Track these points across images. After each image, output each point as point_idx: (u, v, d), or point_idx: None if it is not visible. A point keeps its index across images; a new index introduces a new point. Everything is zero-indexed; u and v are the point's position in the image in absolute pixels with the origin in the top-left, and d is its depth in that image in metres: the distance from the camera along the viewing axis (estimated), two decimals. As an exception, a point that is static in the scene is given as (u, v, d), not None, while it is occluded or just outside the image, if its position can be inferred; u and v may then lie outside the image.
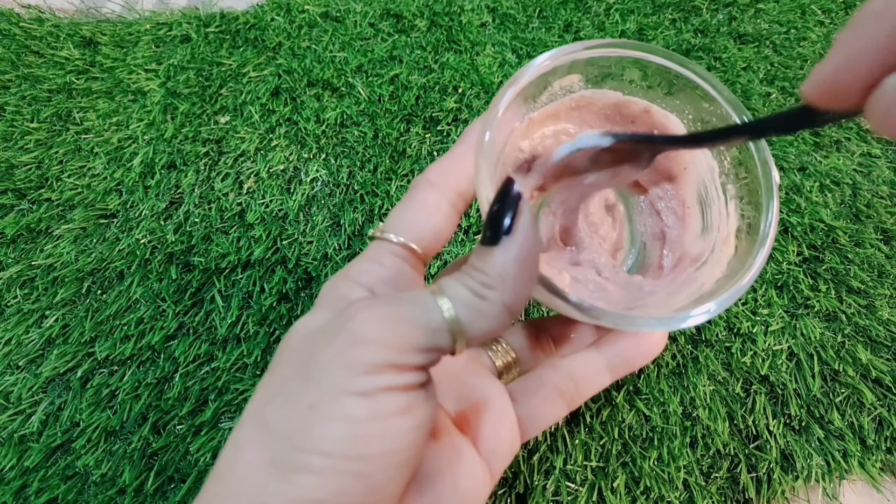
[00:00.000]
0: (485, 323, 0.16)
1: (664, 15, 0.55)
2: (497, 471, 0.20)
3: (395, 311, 0.15)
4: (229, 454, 0.15)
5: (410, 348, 0.15)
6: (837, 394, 0.35)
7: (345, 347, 0.15)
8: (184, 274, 0.38)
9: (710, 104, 0.22)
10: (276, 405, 0.15)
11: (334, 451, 0.14)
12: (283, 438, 0.14)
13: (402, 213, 0.20)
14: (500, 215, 0.16)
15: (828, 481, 0.33)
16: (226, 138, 0.44)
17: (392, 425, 0.15)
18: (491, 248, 0.16)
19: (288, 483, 0.14)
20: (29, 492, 0.31)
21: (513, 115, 0.22)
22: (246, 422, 0.15)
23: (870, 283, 0.39)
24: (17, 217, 0.40)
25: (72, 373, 0.35)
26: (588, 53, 0.22)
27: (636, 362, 0.23)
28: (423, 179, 0.20)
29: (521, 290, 0.16)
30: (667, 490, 0.31)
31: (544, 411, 0.22)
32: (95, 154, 0.43)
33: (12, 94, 0.46)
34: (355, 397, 0.14)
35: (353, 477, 0.14)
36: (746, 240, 0.21)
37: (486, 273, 0.16)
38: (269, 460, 0.14)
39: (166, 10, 0.54)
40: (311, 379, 0.15)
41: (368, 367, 0.14)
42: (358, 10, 0.53)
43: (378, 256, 0.19)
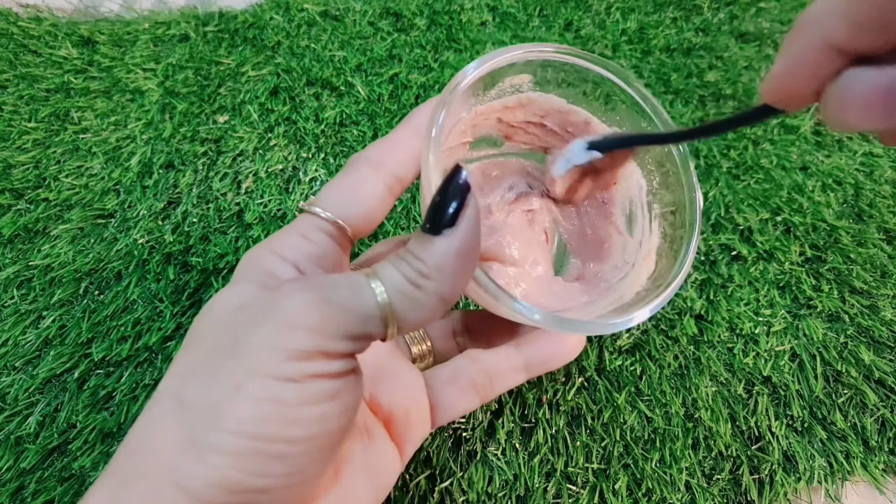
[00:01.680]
0: (418, 313, 0.15)
1: (665, 13, 0.55)
2: (406, 454, 0.21)
3: (327, 296, 0.15)
4: (143, 429, 0.14)
5: (342, 335, 0.15)
6: (840, 395, 0.35)
7: (275, 331, 0.14)
8: (182, 274, 0.38)
9: (647, 122, 0.23)
10: (196, 382, 0.15)
11: (257, 433, 0.14)
12: (203, 417, 0.14)
13: (337, 189, 0.19)
14: (444, 204, 0.15)
15: (830, 483, 0.32)
16: (224, 138, 0.44)
17: (319, 410, 0.14)
18: (432, 237, 0.15)
19: (204, 463, 0.13)
20: (25, 493, 0.31)
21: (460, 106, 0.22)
22: (162, 396, 0.15)
23: (872, 284, 0.38)
24: (15, 217, 0.40)
25: (69, 374, 0.35)
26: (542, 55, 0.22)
27: (551, 364, 0.23)
28: (362, 157, 0.19)
29: (458, 283, 0.16)
30: (669, 492, 0.31)
31: (457, 402, 0.22)
32: (93, 154, 0.43)
33: (10, 94, 0.46)
34: (282, 382, 0.14)
35: (274, 459, 0.14)
36: (667, 257, 0.22)
37: (425, 262, 0.15)
38: (186, 438, 0.14)
39: (165, 9, 0.54)
40: (237, 359, 0.14)
41: (298, 353, 0.14)
42: (357, 8, 0.53)
43: (306, 230, 0.18)
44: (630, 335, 0.36)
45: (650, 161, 0.24)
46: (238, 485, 0.13)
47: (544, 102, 0.24)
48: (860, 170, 0.44)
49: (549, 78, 0.23)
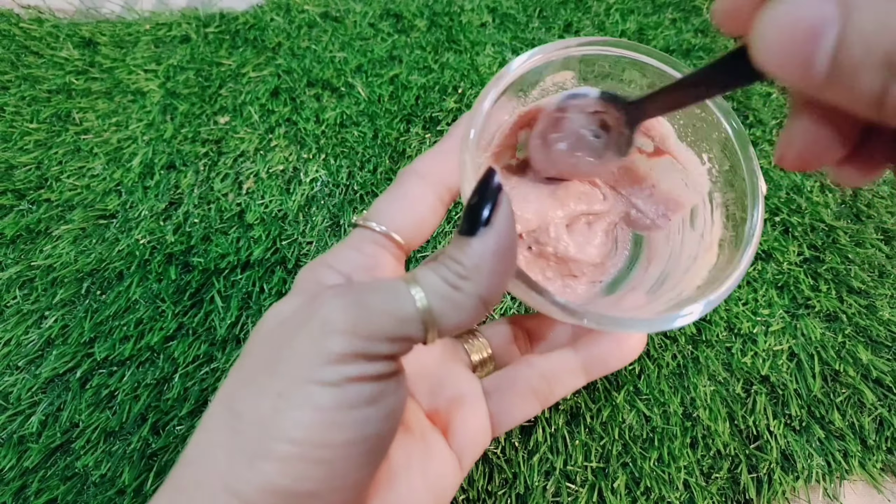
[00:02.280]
0: (458, 314, 0.15)
1: (664, 15, 0.55)
2: (467, 464, 0.20)
3: (365, 300, 0.15)
4: (199, 439, 0.15)
5: (380, 337, 0.15)
6: (838, 394, 0.35)
7: (313, 335, 0.15)
8: (183, 274, 0.38)
9: (701, 110, 0.22)
10: (245, 392, 0.15)
11: (299, 438, 0.14)
12: (251, 425, 0.14)
13: (387, 202, 0.19)
14: (479, 206, 0.16)
15: (828, 482, 0.33)
16: (225, 139, 0.44)
17: (359, 415, 0.14)
18: (468, 238, 0.16)
19: (253, 470, 0.14)
20: (28, 492, 0.31)
21: (501, 109, 0.22)
22: (216, 407, 0.15)
23: (870, 284, 0.39)
24: (17, 218, 0.40)
25: (71, 373, 0.35)
26: (582, 50, 0.21)
27: (612, 365, 0.22)
28: (410, 170, 0.20)
29: (496, 283, 0.16)
30: (667, 490, 0.31)
31: (517, 408, 0.22)
32: (95, 154, 0.43)
33: (12, 95, 0.46)
34: (322, 386, 0.14)
35: (316, 464, 0.14)
36: (729, 248, 0.21)
37: (462, 264, 0.15)
38: (237, 447, 0.14)
39: (166, 10, 0.54)
40: (279, 367, 0.15)
41: (336, 356, 0.14)
42: (357, 9, 0.53)
43: (358, 244, 0.18)
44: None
45: (710, 147, 0.22)
46: (286, 490, 0.14)
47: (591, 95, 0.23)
48: (858, 170, 0.44)
49: (593, 72, 0.22)
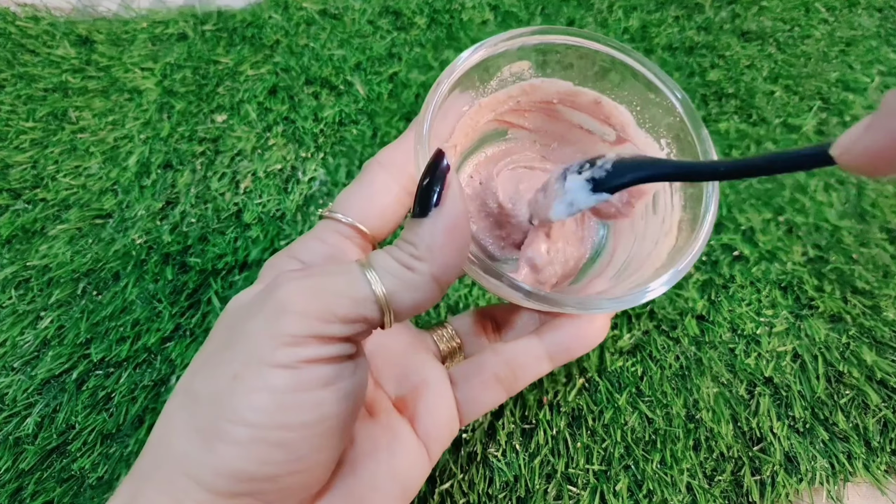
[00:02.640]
0: (413, 294, 0.16)
1: (667, 12, 0.54)
2: (434, 453, 0.21)
3: (319, 282, 0.15)
4: (160, 424, 0.15)
5: (334, 318, 0.15)
6: (842, 395, 0.34)
7: (268, 318, 0.15)
8: (180, 275, 0.38)
9: (655, 94, 0.22)
10: (202, 375, 0.15)
11: (256, 421, 0.14)
12: (208, 408, 0.14)
13: (352, 193, 0.20)
14: (428, 187, 0.16)
15: (832, 484, 0.32)
16: (222, 137, 0.44)
17: (315, 397, 0.14)
18: (420, 219, 0.16)
19: (212, 453, 0.14)
20: (24, 494, 0.31)
21: (458, 101, 0.22)
22: (177, 392, 0.16)
23: (875, 284, 0.38)
24: (12, 217, 0.40)
25: (67, 375, 0.34)
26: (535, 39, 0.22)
27: (576, 350, 0.22)
28: (374, 162, 0.20)
29: (449, 261, 0.16)
30: (670, 493, 0.31)
31: (483, 396, 0.22)
32: (91, 153, 0.43)
33: (7, 93, 0.46)
34: (277, 368, 0.14)
35: (274, 446, 0.14)
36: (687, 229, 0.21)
37: (414, 244, 0.16)
38: (195, 429, 0.14)
39: (163, 8, 0.53)
40: (235, 349, 0.15)
41: (291, 338, 0.14)
42: (356, 7, 0.53)
43: (323, 234, 0.19)
44: (631, 335, 0.36)
45: (664, 132, 0.23)
46: (242, 473, 0.14)
47: (549, 87, 0.23)
48: (862, 169, 0.44)
49: (548, 61, 0.23)
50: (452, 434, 0.21)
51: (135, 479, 0.15)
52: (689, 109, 0.22)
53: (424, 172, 0.16)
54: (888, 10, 0.56)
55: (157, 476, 0.14)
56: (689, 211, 0.21)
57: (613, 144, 0.24)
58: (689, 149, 0.22)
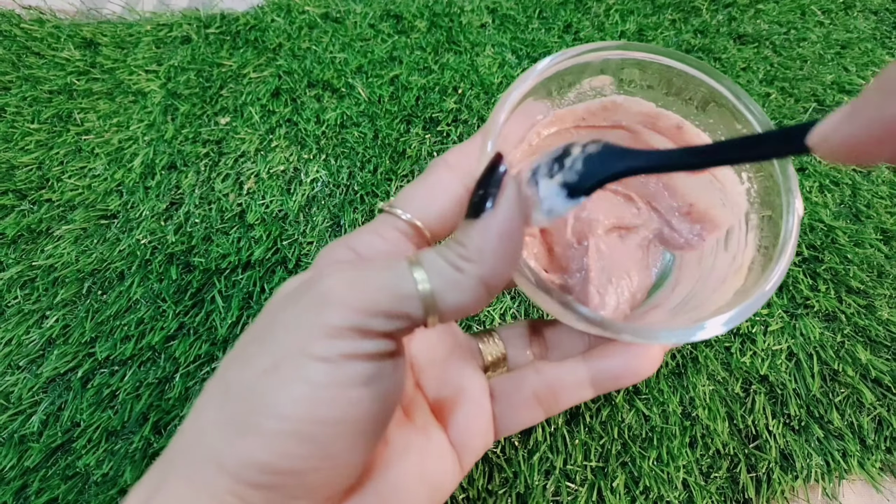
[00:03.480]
0: (458, 296, 0.15)
1: (664, 15, 0.55)
2: (467, 463, 0.20)
3: (364, 275, 0.15)
4: (193, 412, 0.15)
5: (377, 312, 0.14)
6: (837, 394, 0.35)
7: (310, 307, 0.14)
8: (184, 274, 0.38)
9: (742, 125, 0.21)
10: (237, 364, 0.15)
11: (288, 414, 0.14)
12: (242, 396, 0.14)
13: (415, 190, 0.19)
14: (484, 190, 0.16)
15: (827, 481, 0.33)
16: (226, 139, 0.45)
17: (351, 394, 0.14)
18: (472, 221, 0.16)
19: (239, 443, 0.14)
20: (29, 492, 0.31)
21: (533, 108, 0.21)
22: (212, 381, 0.15)
23: (869, 284, 0.39)
24: (18, 218, 0.40)
25: (72, 373, 0.35)
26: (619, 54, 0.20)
27: (624, 380, 0.21)
28: (440, 161, 0.20)
29: (499, 266, 0.16)
30: (666, 490, 0.31)
31: (520, 414, 0.21)
32: (96, 155, 0.43)
33: (13, 95, 0.46)
34: (316, 361, 0.14)
35: (303, 441, 0.14)
36: (757, 270, 0.20)
37: (465, 245, 0.15)
38: (225, 419, 0.14)
39: (167, 11, 0.54)
40: (274, 338, 0.15)
41: (331, 329, 0.14)
42: (358, 11, 0.53)
43: (381, 229, 0.18)
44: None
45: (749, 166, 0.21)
46: (268, 466, 0.14)
47: (631, 106, 0.22)
48: (857, 170, 0.44)
49: (632, 79, 0.21)
50: (486, 446, 0.21)
51: (162, 466, 0.15)
52: None
53: (482, 175, 0.16)
54: (883, 12, 0.56)
55: (184, 463, 0.14)
56: (764, 251, 0.20)
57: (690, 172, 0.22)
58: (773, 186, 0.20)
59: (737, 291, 0.19)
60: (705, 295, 0.21)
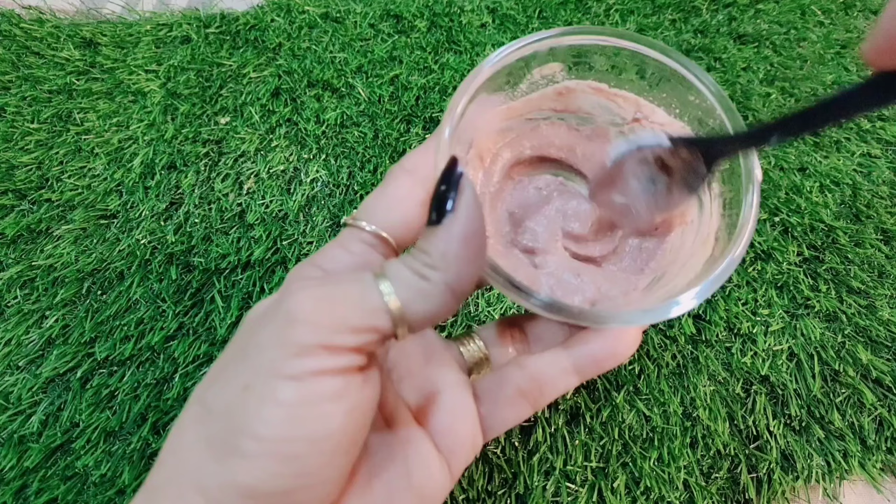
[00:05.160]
0: (426, 304, 0.15)
1: (664, 15, 0.55)
2: (456, 469, 0.20)
3: (330, 291, 0.15)
4: (173, 435, 0.15)
5: (344, 329, 0.14)
6: (838, 394, 0.35)
7: (279, 327, 0.14)
8: (184, 274, 0.38)
9: (695, 96, 0.21)
10: (215, 387, 0.15)
11: (265, 435, 0.14)
12: (220, 420, 0.14)
13: (376, 200, 0.19)
14: (443, 195, 0.16)
15: (828, 482, 0.33)
16: (226, 139, 0.45)
17: (322, 410, 0.14)
18: (434, 227, 0.16)
19: (223, 466, 0.14)
20: (29, 492, 0.31)
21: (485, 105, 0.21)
22: (191, 403, 0.15)
23: (870, 284, 0.39)
24: (18, 217, 0.40)
25: (72, 373, 0.35)
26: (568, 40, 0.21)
27: (606, 364, 0.21)
28: (398, 168, 0.20)
29: (464, 270, 0.15)
30: (667, 490, 0.31)
31: (507, 412, 0.21)
32: (96, 155, 0.43)
33: (13, 95, 0.46)
34: (286, 380, 0.14)
35: (283, 461, 0.14)
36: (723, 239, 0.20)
37: (429, 253, 0.15)
38: (206, 442, 0.14)
39: (166, 10, 0.54)
40: (246, 359, 0.15)
41: (299, 347, 0.14)
42: (358, 10, 0.53)
43: (347, 243, 0.18)
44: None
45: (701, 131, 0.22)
46: (252, 489, 0.14)
47: (585, 89, 0.22)
48: (858, 171, 0.44)
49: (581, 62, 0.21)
50: (475, 449, 0.20)
51: (147, 493, 0.15)
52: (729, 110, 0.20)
53: (439, 179, 0.16)
54: (883, 13, 0.56)
55: (169, 491, 0.14)
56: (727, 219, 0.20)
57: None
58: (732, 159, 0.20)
59: (706, 261, 0.20)
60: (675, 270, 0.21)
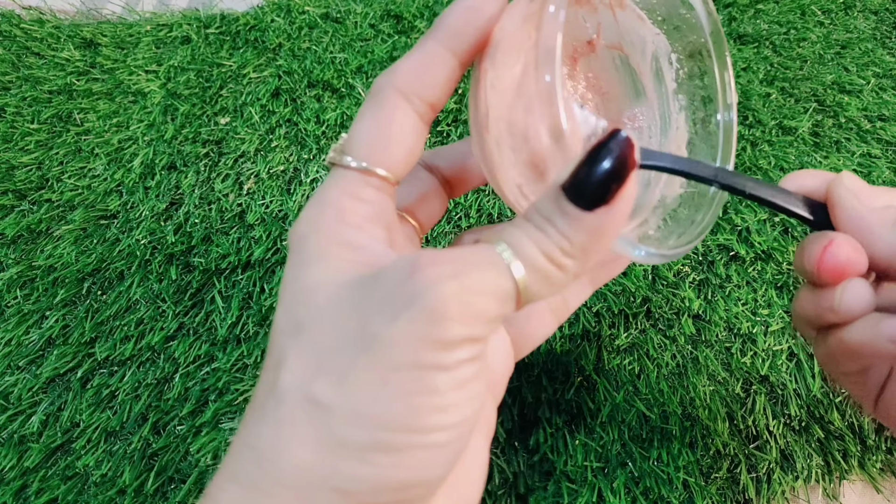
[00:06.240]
0: (551, 290, 0.14)
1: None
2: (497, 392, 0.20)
3: (469, 283, 0.14)
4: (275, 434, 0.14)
5: (486, 321, 0.14)
6: (837, 394, 0.35)
7: (419, 323, 0.13)
8: (184, 275, 0.38)
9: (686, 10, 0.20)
10: (329, 380, 0.14)
11: (414, 426, 0.13)
12: (347, 417, 0.13)
13: (372, 132, 0.17)
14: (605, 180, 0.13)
15: (828, 481, 0.33)
16: (226, 139, 0.45)
17: (469, 392, 0.14)
18: (580, 212, 0.14)
19: (363, 463, 0.13)
20: (29, 492, 0.31)
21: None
22: (289, 398, 0.14)
23: (870, 284, 0.39)
24: (18, 218, 0.40)
25: (72, 373, 0.35)
26: None
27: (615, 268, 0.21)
28: (388, 85, 0.17)
29: (594, 261, 0.15)
30: (667, 490, 0.31)
31: (535, 327, 0.21)
32: (96, 155, 0.43)
33: (13, 96, 0.46)
34: (436, 372, 0.13)
35: (431, 449, 0.14)
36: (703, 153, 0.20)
37: (570, 240, 0.14)
38: (333, 441, 0.13)
39: (167, 11, 0.54)
40: (374, 353, 0.14)
41: (447, 342, 0.13)
42: (358, 11, 0.53)
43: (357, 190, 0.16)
44: (628, 334, 0.36)
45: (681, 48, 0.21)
46: (400, 482, 0.13)
47: None
48: (858, 171, 0.44)
49: None
50: (508, 370, 0.20)
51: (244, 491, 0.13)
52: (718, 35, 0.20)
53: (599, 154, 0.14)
54: (883, 13, 0.56)
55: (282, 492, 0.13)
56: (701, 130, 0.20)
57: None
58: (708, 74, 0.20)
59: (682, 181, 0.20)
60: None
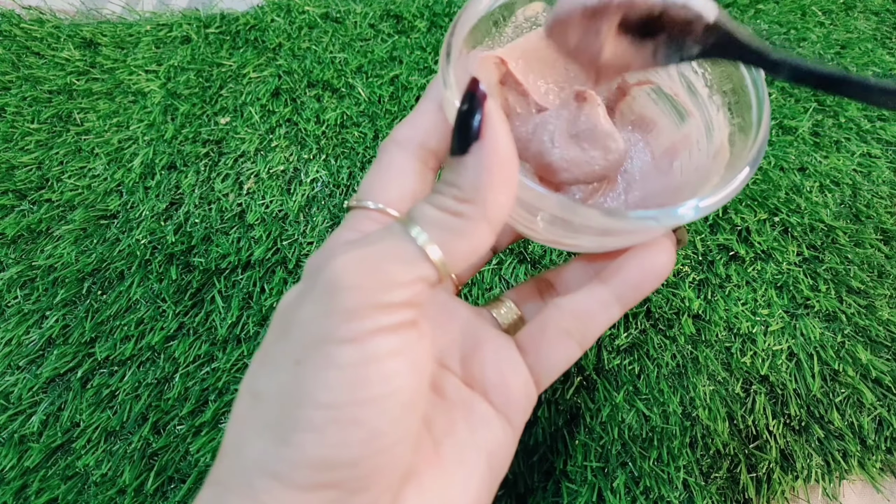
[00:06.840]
0: (464, 242, 0.15)
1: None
2: (516, 423, 0.20)
3: (367, 252, 0.14)
4: (230, 432, 0.15)
5: (391, 285, 0.14)
6: (837, 394, 0.35)
7: (322, 298, 0.14)
8: (184, 274, 0.38)
9: None
10: (262, 373, 0.15)
11: (329, 402, 0.13)
12: (276, 402, 0.14)
13: (374, 179, 0.18)
14: (467, 119, 0.14)
15: (828, 481, 0.33)
16: (226, 139, 0.45)
17: (386, 368, 0.14)
18: (461, 158, 0.14)
19: (288, 445, 0.13)
20: (29, 492, 0.31)
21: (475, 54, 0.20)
22: (241, 396, 0.15)
23: (869, 284, 0.39)
24: (18, 218, 0.40)
25: (72, 373, 0.35)
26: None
27: (645, 286, 0.20)
28: (389, 142, 0.19)
29: (500, 199, 0.15)
30: (666, 490, 0.31)
31: (554, 356, 0.20)
32: (96, 155, 0.43)
33: (13, 95, 0.46)
34: (342, 344, 0.13)
35: (350, 425, 0.13)
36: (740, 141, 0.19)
37: (459, 186, 0.14)
38: (265, 427, 0.14)
39: (167, 11, 0.54)
40: (290, 338, 0.14)
41: (350, 312, 0.14)
42: (358, 11, 0.53)
43: (357, 225, 0.18)
44: (628, 334, 0.36)
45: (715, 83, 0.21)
46: (323, 461, 0.13)
47: None
48: (858, 171, 0.44)
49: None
50: (531, 401, 0.20)
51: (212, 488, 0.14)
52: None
53: (461, 103, 0.15)
54: (884, 13, 0.56)
55: (235, 482, 0.14)
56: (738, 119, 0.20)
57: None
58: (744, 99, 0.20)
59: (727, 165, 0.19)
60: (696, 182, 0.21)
